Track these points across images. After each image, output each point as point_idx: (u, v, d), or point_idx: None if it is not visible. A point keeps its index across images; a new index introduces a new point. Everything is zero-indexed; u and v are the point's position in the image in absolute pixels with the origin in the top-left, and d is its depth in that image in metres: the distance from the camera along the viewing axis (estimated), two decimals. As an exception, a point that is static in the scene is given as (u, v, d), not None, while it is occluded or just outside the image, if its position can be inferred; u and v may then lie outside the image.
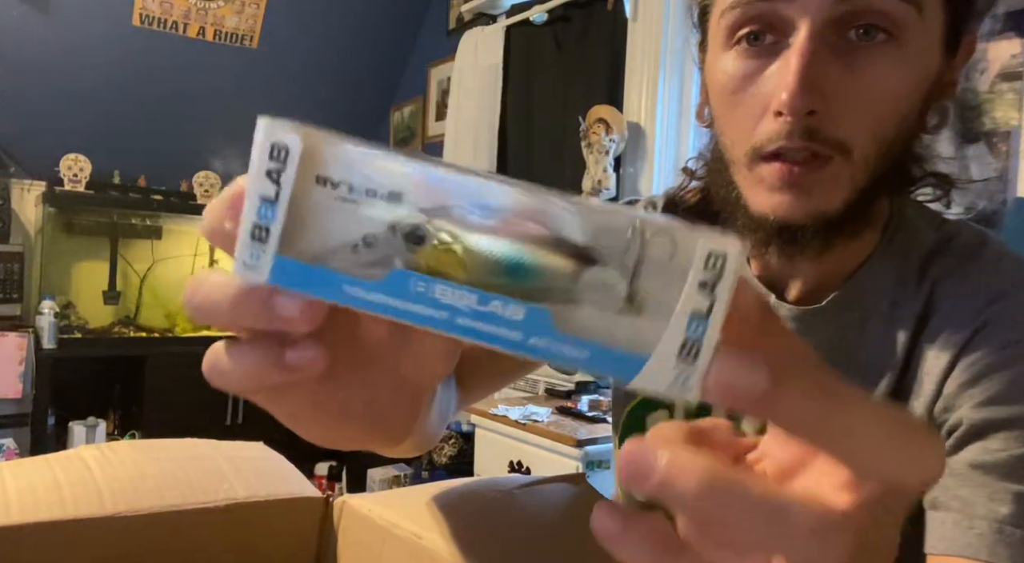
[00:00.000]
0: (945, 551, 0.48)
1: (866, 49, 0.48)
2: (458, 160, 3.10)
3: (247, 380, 0.25)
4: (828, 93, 0.48)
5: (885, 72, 0.48)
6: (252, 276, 0.22)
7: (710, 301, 0.20)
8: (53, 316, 3.08)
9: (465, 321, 0.21)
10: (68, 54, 3.12)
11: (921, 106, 0.51)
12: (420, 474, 3.01)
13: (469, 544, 0.52)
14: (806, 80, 0.47)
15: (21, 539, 0.56)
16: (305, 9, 3.44)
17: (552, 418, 2.25)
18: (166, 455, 0.70)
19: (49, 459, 0.68)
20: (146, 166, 3.51)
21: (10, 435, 2.85)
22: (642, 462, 0.21)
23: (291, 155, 0.21)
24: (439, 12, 3.63)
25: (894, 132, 0.50)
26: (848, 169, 0.49)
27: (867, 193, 0.51)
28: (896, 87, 0.49)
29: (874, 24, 0.47)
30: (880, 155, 0.50)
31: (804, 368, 0.22)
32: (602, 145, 2.44)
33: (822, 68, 0.47)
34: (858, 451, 0.22)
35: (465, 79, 3.10)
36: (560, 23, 2.79)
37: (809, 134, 0.48)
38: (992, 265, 0.54)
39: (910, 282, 0.55)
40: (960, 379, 0.50)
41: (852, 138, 0.49)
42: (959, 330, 0.51)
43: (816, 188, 0.49)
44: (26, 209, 3.29)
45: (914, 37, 0.48)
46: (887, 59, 0.48)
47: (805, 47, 0.47)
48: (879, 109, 0.49)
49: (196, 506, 0.63)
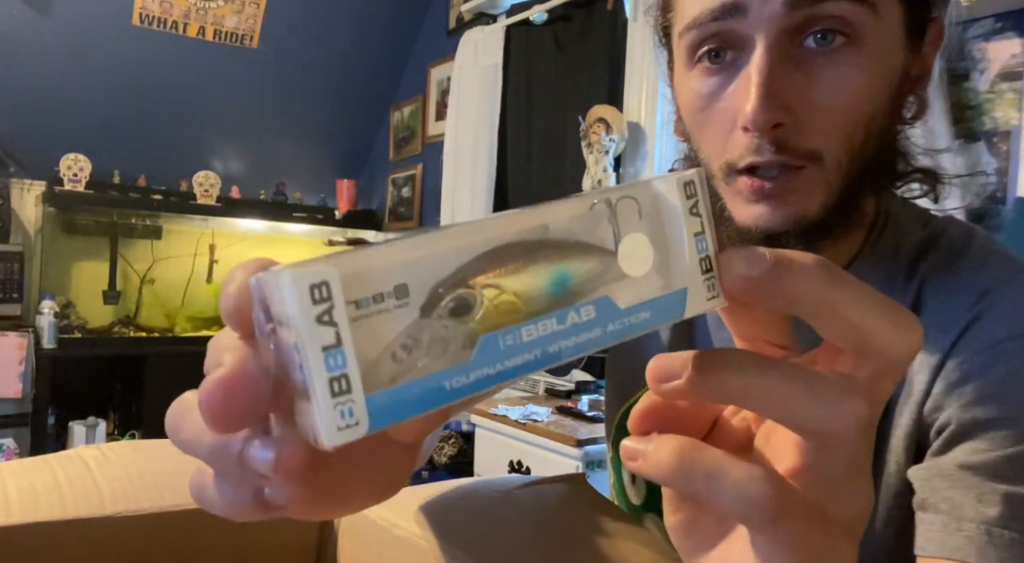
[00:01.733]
0: (934, 553, 0.48)
1: (825, 55, 0.48)
2: (458, 160, 3.10)
3: (230, 512, 0.25)
4: (792, 103, 0.48)
5: (846, 76, 0.48)
6: (351, 434, 0.20)
7: (700, 219, 0.24)
8: (53, 316, 3.08)
9: (555, 346, 0.22)
10: (68, 54, 3.12)
11: (891, 102, 0.51)
12: (420, 474, 3.01)
13: (469, 544, 0.52)
14: (768, 94, 0.47)
15: (21, 539, 0.56)
16: (305, 9, 3.44)
17: (552, 418, 2.25)
18: (166, 455, 0.70)
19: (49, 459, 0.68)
20: (146, 166, 3.51)
21: (10, 435, 2.85)
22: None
23: (332, 287, 0.20)
24: (439, 12, 3.63)
25: (864, 133, 0.50)
26: (822, 175, 0.50)
27: (846, 194, 0.51)
28: (859, 89, 0.49)
29: (829, 29, 0.47)
30: (853, 157, 0.50)
31: (802, 255, 0.24)
32: (602, 145, 2.44)
33: (783, 80, 0.48)
34: (860, 323, 0.24)
35: (465, 79, 3.10)
36: (560, 23, 2.79)
37: (778, 146, 0.49)
38: (979, 261, 0.54)
39: (898, 280, 0.55)
40: (949, 378, 0.50)
41: (822, 145, 0.49)
42: (948, 328, 0.51)
43: (791, 197, 0.50)
44: (26, 209, 3.29)
45: (872, 37, 0.48)
46: (847, 63, 0.48)
47: (763, 61, 0.47)
48: (845, 113, 0.49)
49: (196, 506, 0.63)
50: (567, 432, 2.09)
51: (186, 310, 3.69)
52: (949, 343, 0.51)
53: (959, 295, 0.52)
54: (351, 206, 3.97)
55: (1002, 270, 0.53)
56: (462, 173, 3.08)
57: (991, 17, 1.64)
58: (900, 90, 0.51)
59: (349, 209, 3.96)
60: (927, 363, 0.51)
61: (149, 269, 3.60)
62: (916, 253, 0.56)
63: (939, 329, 0.51)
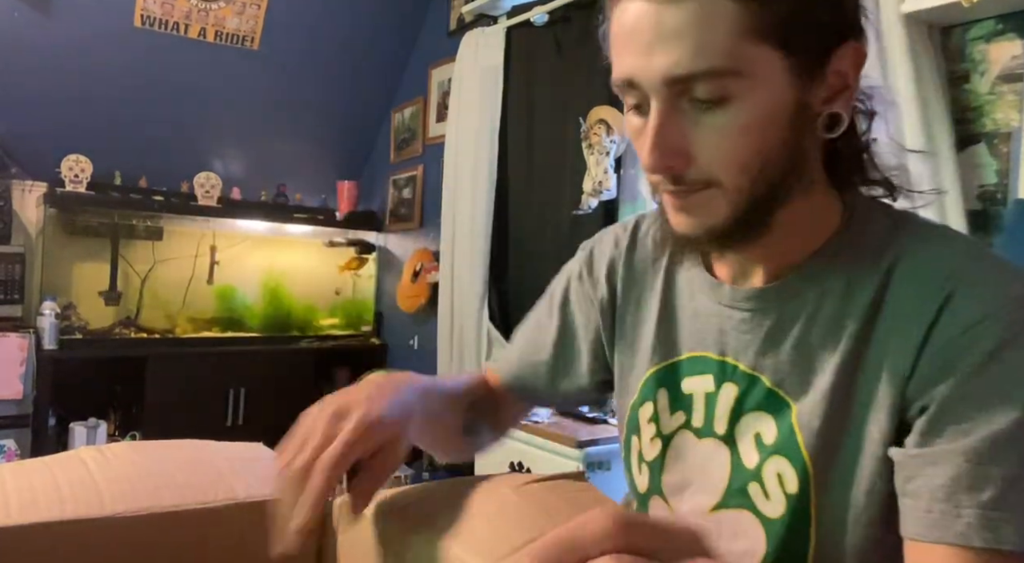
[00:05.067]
0: (937, 540, 0.50)
1: (708, 109, 0.55)
2: (458, 161, 3.10)
3: None
4: (685, 148, 0.56)
5: (727, 127, 0.55)
6: None
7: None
8: (54, 317, 3.08)
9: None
10: (69, 55, 3.12)
11: (788, 131, 0.56)
12: (421, 474, 3.01)
13: (469, 543, 0.52)
14: (657, 147, 0.56)
15: (21, 540, 0.56)
16: (305, 10, 3.44)
17: (553, 419, 2.25)
18: (165, 456, 0.70)
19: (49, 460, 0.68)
20: (147, 167, 3.52)
21: (11, 436, 2.86)
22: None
23: None
24: (440, 13, 3.63)
25: (760, 161, 0.56)
26: (723, 195, 0.57)
27: (753, 208, 0.57)
28: (741, 135, 0.55)
29: (700, 99, 0.54)
30: (754, 181, 0.56)
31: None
32: (603, 146, 2.44)
33: (673, 131, 0.56)
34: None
35: (466, 80, 3.10)
36: (561, 24, 2.78)
37: (675, 180, 0.58)
38: (944, 242, 0.59)
39: (866, 262, 0.60)
40: (931, 359, 0.54)
41: (717, 176, 0.56)
42: (923, 308, 0.55)
43: (698, 210, 0.59)
44: (27, 210, 3.29)
45: (748, 93, 0.54)
46: (725, 118, 0.54)
47: (654, 120, 0.56)
48: (732, 153, 0.56)
49: (195, 507, 0.63)
50: (568, 433, 2.10)
51: (187, 311, 3.69)
52: (928, 322, 0.54)
53: (929, 274, 0.56)
54: (352, 207, 3.97)
55: (967, 249, 0.58)
56: (463, 174, 3.08)
57: (991, 19, 1.64)
58: (798, 119, 0.56)
59: (350, 210, 3.96)
60: (908, 343, 0.55)
61: (150, 270, 3.60)
62: (884, 237, 0.60)
63: (914, 309, 0.55)
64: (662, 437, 0.71)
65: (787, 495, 0.60)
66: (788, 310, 0.62)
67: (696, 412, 0.68)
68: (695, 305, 0.70)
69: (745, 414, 0.64)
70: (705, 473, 0.66)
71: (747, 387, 0.64)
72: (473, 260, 3.02)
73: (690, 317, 0.71)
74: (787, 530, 0.60)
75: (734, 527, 0.63)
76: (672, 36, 0.53)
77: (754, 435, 0.63)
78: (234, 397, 3.37)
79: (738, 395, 0.65)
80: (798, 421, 0.60)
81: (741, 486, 0.63)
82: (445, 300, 3.19)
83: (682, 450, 0.69)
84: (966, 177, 1.65)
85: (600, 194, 2.45)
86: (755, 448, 0.63)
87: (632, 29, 0.55)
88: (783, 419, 0.61)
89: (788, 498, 0.60)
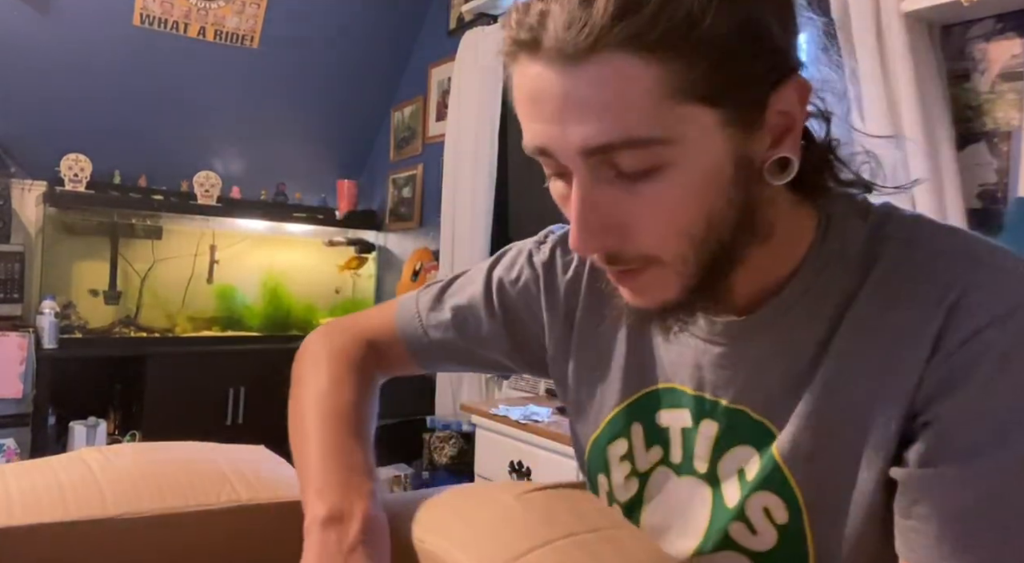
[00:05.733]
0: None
1: (637, 180, 0.48)
2: (458, 160, 3.10)
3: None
4: (617, 221, 0.49)
5: (660, 198, 0.48)
6: None
7: None
8: (54, 316, 3.08)
9: None
10: (68, 54, 3.12)
11: (731, 187, 0.49)
12: (421, 474, 3.01)
13: (472, 551, 0.52)
14: (587, 226, 0.49)
15: (24, 540, 0.56)
16: (305, 9, 3.44)
17: (552, 418, 2.25)
18: (168, 457, 0.70)
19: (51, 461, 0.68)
20: (146, 166, 3.51)
21: (11, 435, 2.85)
22: None
23: None
24: (439, 12, 3.63)
25: (704, 225, 0.50)
26: (667, 271, 0.51)
27: (706, 274, 0.51)
28: (680, 203, 0.49)
29: (627, 172, 0.48)
30: (698, 248, 0.50)
31: None
32: (602, 145, 2.43)
33: (602, 205, 0.49)
34: None
35: (466, 79, 3.10)
36: (560, 23, 2.78)
37: (610, 259, 0.52)
38: (934, 248, 0.53)
39: (851, 277, 0.54)
40: (938, 372, 0.49)
41: (656, 251, 0.50)
42: (927, 319, 0.50)
43: (646, 289, 0.53)
44: (26, 209, 3.29)
45: (679, 160, 0.47)
46: (658, 187, 0.48)
47: (577, 196, 0.49)
48: (669, 223, 0.49)
49: (197, 508, 0.63)
50: (568, 432, 2.09)
51: (186, 310, 3.69)
52: (933, 333, 0.49)
53: (925, 283, 0.51)
54: (352, 206, 3.97)
55: (961, 249, 0.53)
56: (463, 173, 3.08)
57: (991, 18, 1.64)
58: (741, 174, 0.50)
59: (350, 209, 3.96)
60: (915, 356, 0.50)
61: (150, 269, 3.60)
62: (867, 245, 0.55)
63: (915, 321, 0.50)
64: (639, 476, 0.66)
65: (777, 526, 0.57)
66: (770, 339, 0.57)
67: (674, 447, 0.64)
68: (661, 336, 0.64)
69: (729, 450, 0.60)
70: (685, 515, 0.63)
71: (730, 423, 0.60)
72: (473, 259, 3.02)
73: (662, 346, 0.65)
74: (781, 559, 0.57)
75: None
76: (582, 106, 0.46)
77: (738, 471, 0.59)
78: (234, 396, 3.37)
79: (720, 431, 0.60)
80: (783, 450, 0.56)
81: (722, 527, 0.60)
82: (445, 299, 3.18)
83: (661, 488, 0.65)
84: (966, 176, 1.65)
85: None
86: (737, 484, 0.59)
87: (536, 98, 0.49)
88: (767, 450, 0.57)
89: (779, 529, 0.57)
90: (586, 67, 0.46)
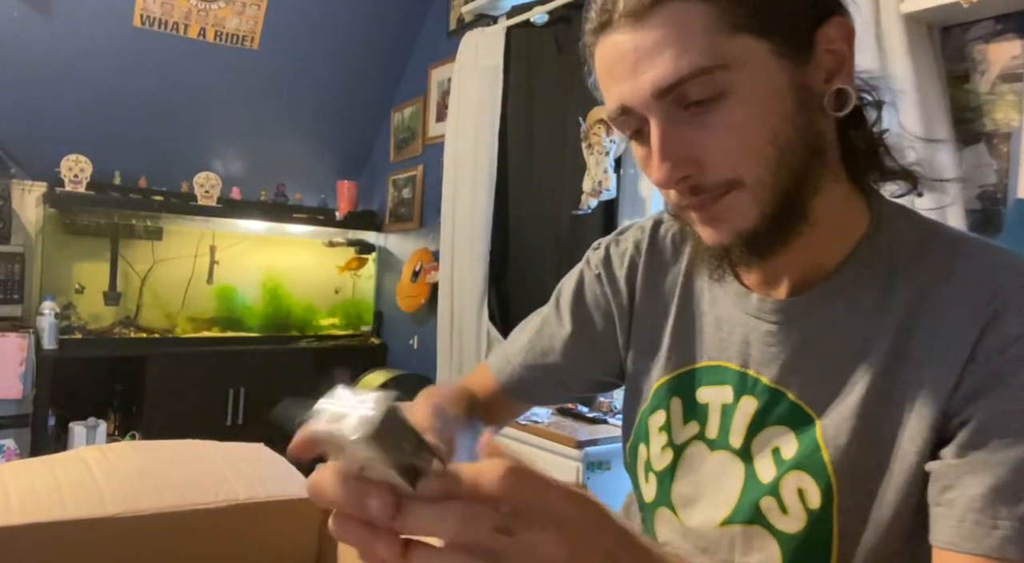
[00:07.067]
0: (971, 551, 0.50)
1: (707, 110, 0.55)
2: (458, 161, 3.10)
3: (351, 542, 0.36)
4: (695, 155, 0.56)
5: (729, 121, 0.54)
6: None
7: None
8: (54, 317, 3.08)
9: None
10: (69, 55, 3.12)
11: (795, 113, 0.55)
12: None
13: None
14: (667, 158, 0.56)
15: (23, 539, 0.56)
16: (305, 10, 3.44)
17: (552, 419, 2.25)
18: (166, 456, 0.70)
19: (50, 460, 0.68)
20: (147, 167, 3.51)
21: (10, 435, 2.85)
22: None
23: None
24: (440, 13, 3.63)
25: (775, 149, 0.55)
26: (747, 194, 0.56)
27: (784, 200, 0.56)
28: (748, 124, 0.55)
29: (696, 100, 0.54)
30: (775, 172, 0.55)
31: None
32: (603, 146, 2.44)
33: (678, 141, 0.55)
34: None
35: (466, 80, 3.10)
36: (561, 24, 2.78)
37: (692, 190, 0.57)
38: (982, 258, 0.57)
39: (898, 277, 0.59)
40: (976, 375, 0.53)
41: (736, 173, 0.56)
42: (968, 324, 0.54)
43: (726, 217, 0.58)
44: (27, 210, 3.29)
45: (741, 85, 0.54)
46: (726, 113, 0.54)
47: (656, 134, 0.56)
48: (742, 146, 0.55)
49: (196, 507, 0.63)
50: (567, 433, 2.10)
51: (186, 311, 3.69)
52: (974, 338, 0.53)
53: (970, 292, 0.55)
54: (352, 207, 3.97)
55: (1007, 263, 0.57)
56: (463, 174, 3.08)
57: (991, 19, 1.64)
58: (802, 100, 0.56)
59: (350, 210, 3.96)
60: (952, 360, 0.54)
61: (150, 270, 3.60)
62: (911, 255, 0.59)
63: (957, 325, 0.54)
64: (674, 447, 0.69)
65: (808, 510, 0.59)
66: (817, 324, 0.61)
67: (711, 423, 0.67)
68: (717, 312, 0.69)
69: (764, 428, 0.63)
70: (716, 486, 0.65)
71: (769, 401, 0.63)
72: (473, 260, 3.02)
73: (711, 324, 0.69)
74: (805, 545, 0.59)
75: (745, 541, 0.63)
76: (652, 52, 0.54)
77: (772, 450, 0.62)
78: (233, 397, 3.37)
79: (758, 409, 0.64)
80: (824, 436, 0.59)
81: (753, 500, 0.62)
82: (445, 300, 3.18)
83: (694, 461, 0.68)
84: (966, 177, 1.65)
85: (600, 194, 2.45)
86: (772, 463, 0.62)
87: (614, 60, 0.57)
88: (806, 434, 0.60)
89: (809, 513, 0.59)
90: (651, 19, 0.54)
